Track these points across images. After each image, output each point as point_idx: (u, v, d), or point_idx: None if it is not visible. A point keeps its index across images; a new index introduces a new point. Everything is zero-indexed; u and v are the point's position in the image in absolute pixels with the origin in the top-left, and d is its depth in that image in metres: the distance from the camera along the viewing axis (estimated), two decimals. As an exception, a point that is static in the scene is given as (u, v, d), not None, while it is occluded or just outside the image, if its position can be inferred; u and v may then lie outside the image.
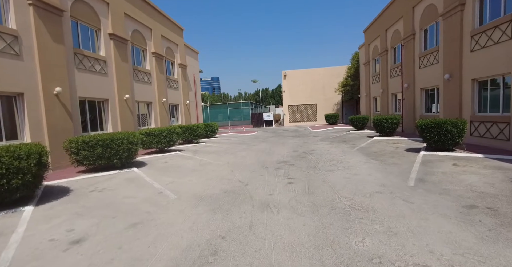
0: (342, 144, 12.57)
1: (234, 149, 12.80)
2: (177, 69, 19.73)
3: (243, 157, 10.17)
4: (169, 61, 18.82)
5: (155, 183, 6.79)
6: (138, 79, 14.55)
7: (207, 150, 12.66)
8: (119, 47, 12.66)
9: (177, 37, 19.73)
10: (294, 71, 30.72)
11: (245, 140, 16.75)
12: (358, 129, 18.76)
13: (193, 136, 15.37)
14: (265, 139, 17.12)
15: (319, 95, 30.34)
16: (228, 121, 32.82)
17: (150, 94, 15.71)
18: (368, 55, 22.14)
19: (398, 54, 16.89)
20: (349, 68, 26.30)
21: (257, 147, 12.99)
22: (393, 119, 13.32)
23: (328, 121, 27.54)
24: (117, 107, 12.55)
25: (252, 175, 7.13)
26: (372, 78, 21.59)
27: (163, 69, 17.11)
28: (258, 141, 15.73)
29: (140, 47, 15.16)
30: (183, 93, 20.25)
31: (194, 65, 23.49)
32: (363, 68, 23.74)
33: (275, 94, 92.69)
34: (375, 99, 21.74)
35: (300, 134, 19.08)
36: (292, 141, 14.81)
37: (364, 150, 10.41)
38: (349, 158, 8.81)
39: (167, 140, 11.93)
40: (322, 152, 10.44)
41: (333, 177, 6.44)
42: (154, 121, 16.04)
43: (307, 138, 16.03)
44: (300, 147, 12.11)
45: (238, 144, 14.68)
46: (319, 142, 13.87)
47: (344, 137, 15.57)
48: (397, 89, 16.94)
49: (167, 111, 17.39)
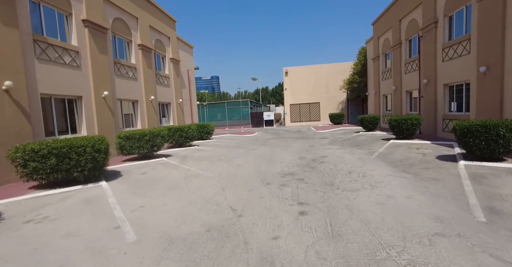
0: (355, 148, 10.80)
1: (230, 154, 11.03)
2: (168, 64, 17.93)
3: (240, 166, 8.40)
4: (159, 55, 17.02)
5: (118, 208, 5.03)
6: (120, 74, 12.76)
7: (198, 156, 10.89)
8: (96, 37, 10.87)
9: (169, 29, 17.93)
10: (296, 68, 28.91)
11: (243, 143, 14.99)
12: (368, 130, 16.98)
13: (184, 139, 13.60)
14: (266, 141, 15.36)
15: (323, 93, 28.55)
16: (226, 121, 31.03)
17: (135, 91, 13.92)
18: (377, 50, 20.34)
19: (414, 47, 15.10)
20: (355, 64, 24.50)
21: (257, 152, 11.23)
22: (413, 120, 11.55)
23: (333, 121, 25.77)
24: (93, 106, 10.77)
25: (249, 196, 5.36)
26: (382, 75, 19.80)
27: (151, 64, 15.32)
28: (258, 144, 13.97)
29: (124, 38, 13.36)
30: (175, 90, 18.45)
31: (188, 61, 21.70)
32: (372, 64, 21.95)
33: (275, 93, 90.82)
34: (386, 97, 19.96)
35: (304, 136, 17.31)
36: (296, 144, 13.04)
37: (385, 157, 8.64)
38: (372, 169, 7.05)
39: (150, 145, 10.16)
40: (335, 159, 8.67)
41: (360, 202, 4.68)
42: (140, 122, 14.26)
43: (312, 141, 14.26)
44: (306, 152, 10.35)
45: (235, 148, 12.91)
46: (327, 145, 12.10)
47: (355, 139, 13.79)
48: (413, 85, 15.16)
49: (156, 110, 15.61)
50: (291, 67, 28.82)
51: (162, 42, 17.19)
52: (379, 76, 20.42)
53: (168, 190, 6.14)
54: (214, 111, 32.30)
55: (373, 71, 21.49)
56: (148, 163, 9.69)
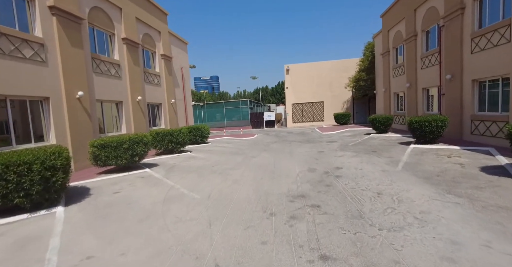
0: (373, 155, 9.18)
1: (226, 163, 9.42)
2: (159, 61, 16.31)
3: (236, 182, 6.80)
4: (148, 51, 15.40)
5: (53, 261, 3.43)
6: (100, 71, 11.15)
7: (188, 166, 9.28)
8: (66, 26, 9.26)
9: (159, 22, 16.31)
10: (297, 65, 27.27)
11: (241, 148, 13.38)
12: (380, 132, 15.35)
13: (174, 144, 11.99)
14: (267, 145, 13.75)
15: (326, 92, 26.91)
16: (224, 122, 29.40)
17: (119, 91, 12.31)
18: (387, 44, 18.70)
19: (433, 38, 13.47)
20: (362, 60, 22.84)
21: (257, 160, 9.62)
22: (439, 122, 9.94)
23: (338, 122, 24.14)
24: (64, 109, 9.16)
25: (245, 239, 3.75)
26: (393, 71, 18.17)
27: (138, 60, 13.70)
28: (258, 149, 12.36)
29: (105, 31, 11.74)
30: (167, 90, 16.84)
31: (182, 58, 20.07)
32: (380, 60, 20.30)
33: (275, 92, 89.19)
34: (397, 95, 18.33)
35: (309, 138, 15.69)
36: (301, 150, 11.44)
37: (414, 168, 7.03)
38: (406, 189, 5.43)
39: (130, 154, 8.56)
40: (354, 172, 7.06)
41: (415, 255, 3.06)
42: (125, 125, 12.65)
43: (320, 145, 12.65)
44: (316, 162, 8.74)
45: (232, 155, 11.30)
46: (339, 151, 10.48)
47: (369, 143, 12.18)
48: (431, 82, 13.54)
49: (144, 112, 13.99)
50: (292, 64, 27.16)
51: (152, 37, 15.57)
52: (389, 73, 18.78)
53: (138, 223, 4.53)
54: (212, 112, 30.70)
55: (382, 68, 19.85)
56: (126, 177, 8.08)
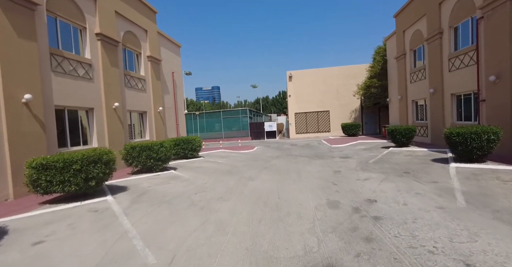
0: (408, 179, 6.88)
1: (213, 189, 7.11)
2: (144, 64, 14.28)
3: (220, 228, 4.48)
4: (131, 52, 13.40)
5: None
6: (63, 71, 9.05)
7: (164, 192, 6.98)
8: (15, 14, 7.21)
9: (146, 20, 14.40)
10: (301, 71, 25.32)
11: (237, 164, 11.09)
12: (401, 145, 13.08)
13: (154, 161, 9.73)
14: (268, 161, 11.46)
15: (333, 100, 24.81)
16: (222, 132, 27.17)
17: (90, 96, 10.17)
18: (402, 46, 16.71)
19: (464, 35, 11.42)
20: (372, 66, 20.81)
21: (255, 185, 7.32)
22: (491, 135, 7.69)
23: (347, 133, 21.89)
24: (2, 116, 6.98)
25: None
26: (411, 76, 16.08)
27: (117, 61, 11.64)
28: (257, 167, 10.08)
29: (73, 23, 9.74)
30: (154, 96, 14.72)
31: (174, 62, 18.10)
32: (394, 65, 18.28)
33: (276, 102, 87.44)
34: (415, 103, 16.15)
35: (318, 153, 13.40)
36: (312, 168, 9.15)
37: (486, 204, 4.72)
38: (503, 252, 3.12)
39: (83, 177, 6.28)
40: (397, 210, 4.74)
41: None
42: (96, 137, 10.42)
43: (332, 161, 10.36)
44: (336, 188, 6.44)
45: (223, 175, 9.00)
46: (360, 172, 8.18)
47: (393, 160, 9.87)
48: (463, 86, 11.39)
49: (123, 121, 11.80)
50: (296, 71, 25.20)
51: (136, 36, 13.60)
52: (405, 78, 16.69)
53: None
54: (210, 122, 28.51)
55: (396, 73, 17.78)
56: (74, 210, 5.79)
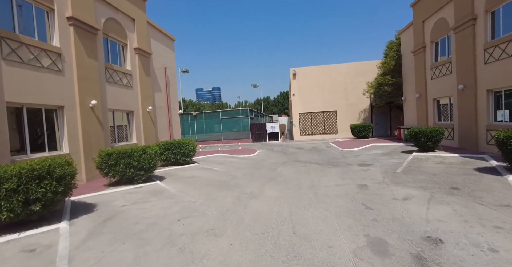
0: (466, 199, 5.10)
1: (203, 214, 5.34)
2: (131, 57, 12.55)
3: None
4: (114, 43, 11.67)
5: None
6: (20, 60, 7.31)
7: (137, 218, 5.21)
8: None
9: (134, 8, 12.68)
10: (306, 68, 23.58)
11: (236, 174, 9.32)
12: (425, 150, 11.32)
13: (135, 171, 7.99)
14: (273, 169, 9.70)
15: (340, 99, 23.04)
16: (221, 134, 25.40)
17: (59, 91, 8.43)
18: (421, 38, 14.96)
19: (507, 20, 9.66)
20: (385, 61, 18.96)
21: (258, 206, 5.55)
22: None
23: (356, 135, 20.10)
24: None
25: None
26: (432, 71, 14.32)
27: (95, 52, 9.91)
28: (260, 178, 8.31)
29: (36, 3, 8.01)
30: (142, 94, 12.98)
31: (167, 56, 16.37)
32: (411, 59, 16.53)
33: (277, 103, 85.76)
34: (437, 102, 14.38)
35: (330, 158, 11.63)
36: (328, 181, 7.38)
37: None
38: None
39: (21, 200, 4.53)
40: (481, 261, 2.97)
41: None
42: (68, 141, 8.66)
43: (351, 170, 8.58)
44: (371, 216, 4.67)
45: (218, 189, 7.24)
46: (392, 186, 6.41)
47: (426, 169, 8.09)
48: (502, 81, 9.63)
49: (102, 122, 10.06)
50: (300, 68, 23.46)
51: (121, 25, 11.88)
52: (425, 74, 14.92)
53: None
54: (208, 123, 26.73)
55: (414, 68, 16.02)
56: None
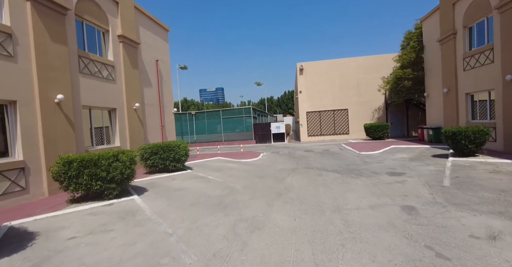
0: None
1: (175, 264, 3.47)
2: (114, 46, 10.75)
3: None
4: (92, 28, 9.88)
5: None
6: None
7: (75, 265, 3.35)
8: None
9: (117, -11, 10.90)
10: (314, 63, 21.62)
11: (235, 186, 7.43)
12: (466, 155, 9.32)
13: (105, 183, 6.16)
14: (281, 180, 7.81)
15: (352, 97, 21.03)
16: (221, 135, 23.54)
17: (10, 82, 6.65)
18: (451, 24, 12.94)
19: None
20: (406, 53, 16.77)
21: (264, 248, 3.66)
22: None
23: (371, 135, 18.09)
24: None
25: None
26: (466, 61, 12.29)
27: (62, 35, 8.12)
28: (265, 195, 6.42)
29: (-23, -32, 6.23)
30: (127, 89, 11.18)
31: (160, 48, 14.57)
32: (436, 50, 14.51)
33: (281, 103, 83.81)
34: (471, 97, 12.36)
35: (348, 164, 9.69)
36: (357, 199, 5.47)
37: None
38: None
39: None
40: None
41: None
42: (21, 145, 6.86)
43: (380, 181, 6.64)
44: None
45: (210, 210, 5.36)
46: (454, 210, 4.48)
47: (482, 181, 6.12)
48: None
49: (73, 122, 8.26)
50: (307, 62, 21.53)
51: (101, 7, 10.09)
52: (455, 66, 12.90)
53: None
54: (209, 124, 24.83)
55: (441, 60, 13.99)
56: None
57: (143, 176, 9.68)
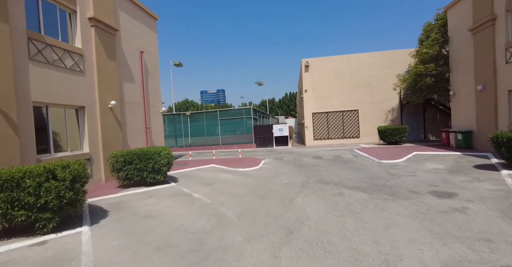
0: None
1: None
2: (83, 30, 8.80)
3: None
4: (53, 6, 7.94)
5: None
6: None
7: None
8: None
9: (90, -38, 8.96)
10: (321, 59, 19.64)
11: (226, 213, 5.43)
12: (525, 167, 7.29)
13: (35, 213, 4.16)
14: (289, 203, 5.81)
15: (364, 96, 19.02)
16: (218, 137, 21.52)
17: None
18: (487, 9, 10.98)
19: None
20: (428, 46, 14.63)
21: None
22: None
23: (387, 139, 16.06)
24: None
25: None
26: (509, 52, 10.29)
27: (5, 11, 6.18)
28: (268, 231, 4.42)
29: None
30: (99, 83, 9.22)
31: (145, 38, 12.64)
32: (467, 41, 12.53)
33: (282, 104, 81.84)
34: (514, 95, 10.34)
35: (371, 177, 7.67)
36: (411, 244, 3.47)
37: None
38: None
39: None
40: None
41: None
42: None
43: (428, 207, 4.64)
44: None
45: (181, 264, 3.35)
46: None
47: None
48: None
49: (16, 122, 6.29)
50: (313, 58, 19.55)
51: (66, -18, 8.16)
52: (494, 57, 10.90)
53: None
54: (206, 125, 22.85)
55: (473, 52, 12.00)
56: None
57: (115, 190, 7.74)
